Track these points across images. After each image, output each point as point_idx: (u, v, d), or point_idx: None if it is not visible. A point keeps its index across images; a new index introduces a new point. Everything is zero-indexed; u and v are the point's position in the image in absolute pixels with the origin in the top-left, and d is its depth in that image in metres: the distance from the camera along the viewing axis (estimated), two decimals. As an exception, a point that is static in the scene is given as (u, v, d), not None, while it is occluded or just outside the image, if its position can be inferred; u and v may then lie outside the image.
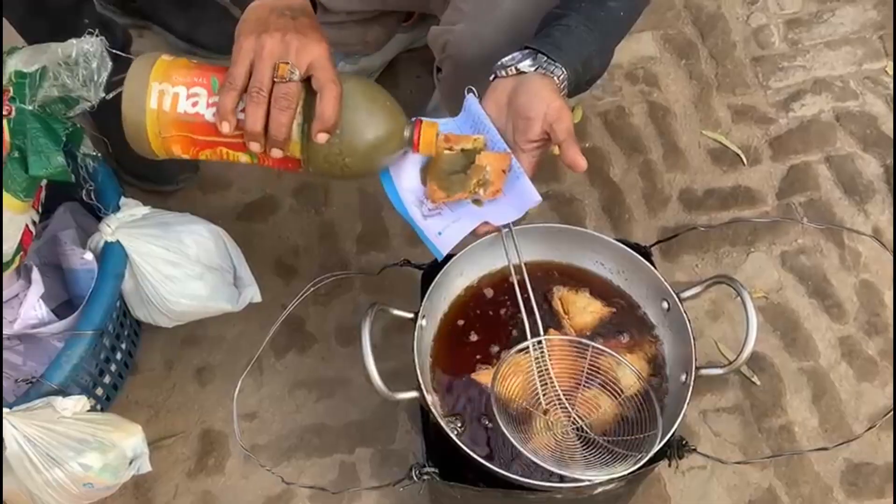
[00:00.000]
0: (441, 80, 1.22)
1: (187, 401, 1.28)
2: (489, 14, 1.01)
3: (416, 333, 0.88)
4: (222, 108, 0.76)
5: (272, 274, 1.37)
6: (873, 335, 1.30)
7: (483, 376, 0.90)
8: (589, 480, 0.78)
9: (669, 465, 0.85)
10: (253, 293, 1.20)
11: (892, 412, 0.79)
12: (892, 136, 1.47)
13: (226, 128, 0.77)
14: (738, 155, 1.46)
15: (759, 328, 1.29)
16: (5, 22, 1.26)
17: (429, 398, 0.84)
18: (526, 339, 0.89)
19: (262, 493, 1.21)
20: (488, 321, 0.94)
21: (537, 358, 0.88)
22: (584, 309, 0.93)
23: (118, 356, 1.20)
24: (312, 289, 0.99)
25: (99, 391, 1.17)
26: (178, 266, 1.12)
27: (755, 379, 1.27)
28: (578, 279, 0.96)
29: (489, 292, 0.96)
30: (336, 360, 1.31)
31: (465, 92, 0.93)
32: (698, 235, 1.39)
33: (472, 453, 0.81)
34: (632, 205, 1.43)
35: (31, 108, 1.00)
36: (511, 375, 0.87)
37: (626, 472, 0.78)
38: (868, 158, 1.46)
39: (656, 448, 0.80)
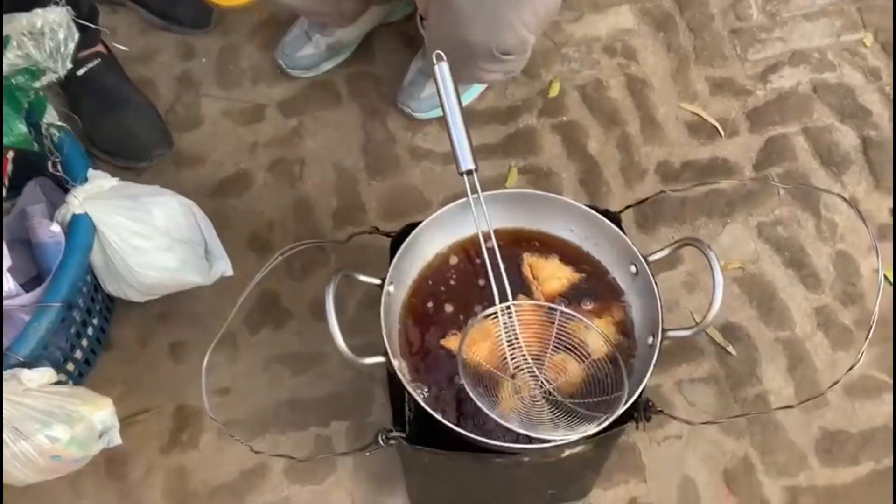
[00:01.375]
0: (426, 28, 1.22)
1: (161, 377, 1.27)
2: None
3: (383, 299, 0.87)
4: None
5: (246, 249, 1.36)
6: (849, 304, 1.30)
7: (451, 342, 0.90)
8: (555, 441, 0.78)
9: (637, 427, 0.85)
10: (224, 267, 1.19)
11: (852, 369, 0.79)
12: (869, 107, 1.46)
13: None
14: (715, 127, 1.46)
15: (735, 299, 1.32)
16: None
17: (395, 363, 0.84)
18: (495, 304, 0.88)
19: (237, 467, 1.20)
20: (457, 287, 0.94)
21: (506, 323, 0.88)
22: (554, 275, 0.93)
23: (90, 331, 1.19)
24: (281, 258, 0.98)
25: (70, 367, 1.16)
26: (146, 238, 1.11)
27: (730, 349, 1.27)
28: (548, 245, 0.95)
29: (458, 259, 0.95)
30: (311, 335, 1.30)
31: (434, 58, 0.92)
32: (675, 207, 1.39)
33: (438, 416, 0.80)
34: (609, 178, 1.42)
35: (-9, 76, 0.98)
36: (479, 341, 0.87)
37: (591, 433, 0.78)
38: (845, 130, 1.45)
39: (622, 409, 0.80)
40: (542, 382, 0.85)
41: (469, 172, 0.90)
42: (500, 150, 1.45)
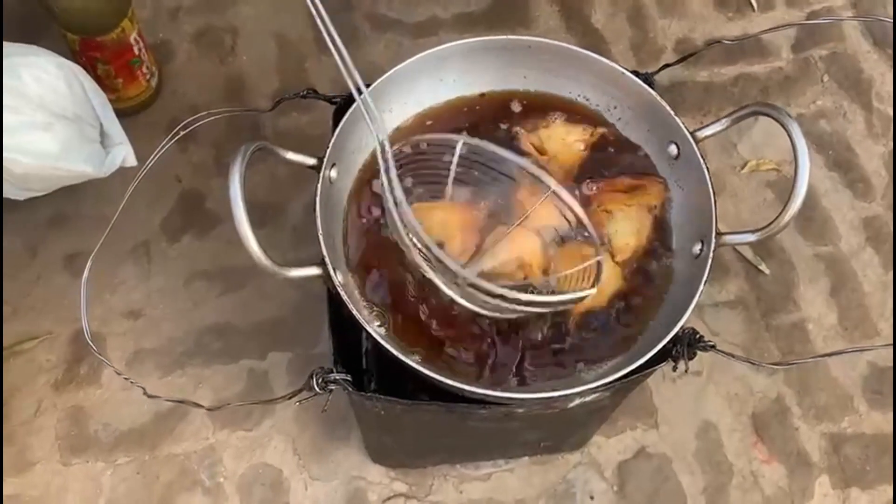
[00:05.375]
0: None
1: (55, 295, 1.01)
2: None
3: (319, 186, 0.61)
4: None
5: (164, 138, 1.08)
6: (904, 215, 1.08)
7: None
8: (558, 393, 0.54)
9: (675, 369, 0.61)
10: (125, 154, 0.92)
11: None
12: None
13: None
14: (747, -3, 1.20)
15: (768, 206, 1.09)
16: None
17: (337, 277, 0.58)
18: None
19: (150, 408, 0.96)
20: (429, 173, 0.67)
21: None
22: (565, 141, 0.67)
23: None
24: (174, 139, 0.71)
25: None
26: (14, 111, 0.83)
27: (763, 267, 1.04)
28: (553, 112, 0.69)
29: (430, 133, 0.69)
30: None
31: None
32: (697, 93, 1.14)
33: (395, 352, 0.56)
34: (618, 57, 1.16)
35: None
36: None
37: (618, 376, 0.54)
38: (903, 4, 1.20)
39: (663, 342, 0.56)
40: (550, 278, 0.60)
41: None
42: (482, 21, 1.18)
